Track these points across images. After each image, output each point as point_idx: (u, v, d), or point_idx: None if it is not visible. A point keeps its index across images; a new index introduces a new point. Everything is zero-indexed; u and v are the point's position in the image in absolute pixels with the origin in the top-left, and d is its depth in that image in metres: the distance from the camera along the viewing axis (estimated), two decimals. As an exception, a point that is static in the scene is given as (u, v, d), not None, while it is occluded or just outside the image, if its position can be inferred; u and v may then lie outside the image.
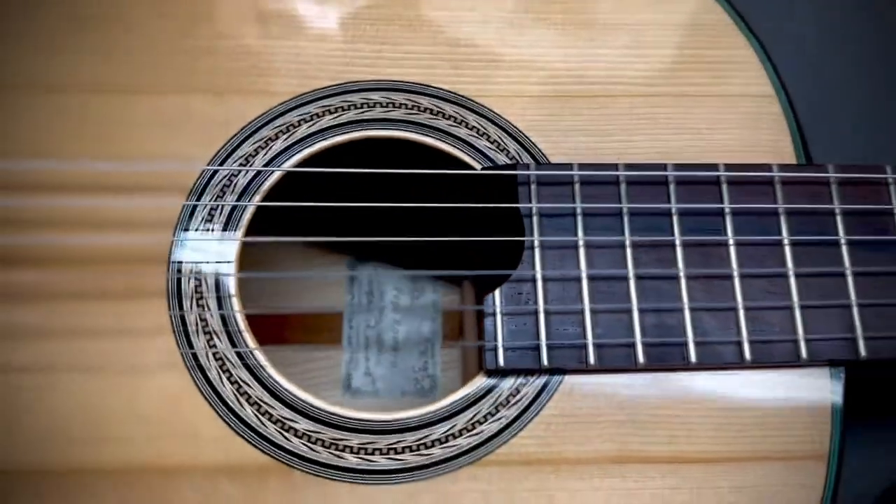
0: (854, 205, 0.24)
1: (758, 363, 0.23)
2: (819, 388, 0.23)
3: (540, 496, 0.22)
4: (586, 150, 0.25)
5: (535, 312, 0.23)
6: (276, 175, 0.24)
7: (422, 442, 0.22)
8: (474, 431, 0.23)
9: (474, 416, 0.23)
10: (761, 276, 0.23)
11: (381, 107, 0.25)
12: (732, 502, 0.22)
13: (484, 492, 0.22)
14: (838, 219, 0.24)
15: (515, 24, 0.26)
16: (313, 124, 0.25)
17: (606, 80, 0.26)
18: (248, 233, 0.24)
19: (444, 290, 0.33)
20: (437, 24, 0.26)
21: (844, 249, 0.24)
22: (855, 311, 0.23)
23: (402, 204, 0.24)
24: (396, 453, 0.22)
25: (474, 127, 0.25)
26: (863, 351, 0.23)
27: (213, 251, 0.23)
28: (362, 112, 0.25)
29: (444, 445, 0.22)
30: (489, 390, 0.23)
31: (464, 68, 0.26)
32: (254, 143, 0.25)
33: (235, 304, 0.23)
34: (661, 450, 0.23)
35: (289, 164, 0.24)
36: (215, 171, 0.24)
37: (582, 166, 0.24)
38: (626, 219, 0.24)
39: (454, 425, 0.23)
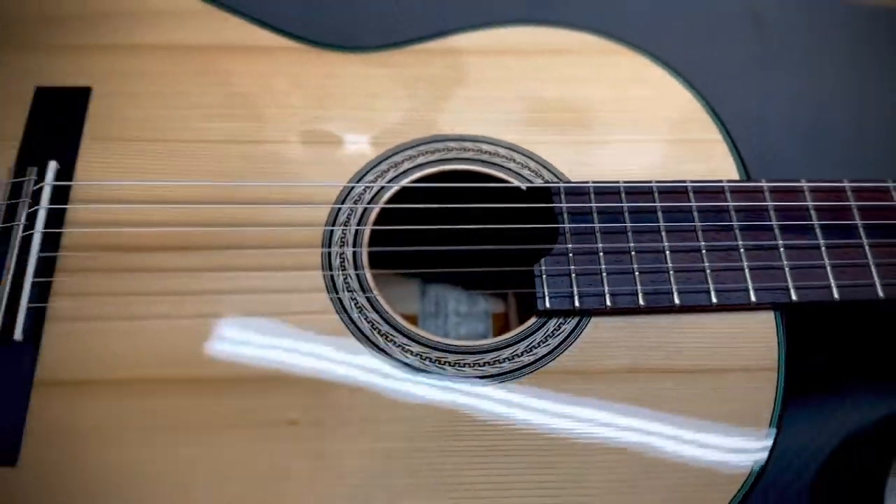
0: (779, 202, 0.36)
1: (721, 306, 0.34)
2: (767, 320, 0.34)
3: (577, 394, 0.32)
4: (595, 175, 0.37)
5: (569, 273, 0.34)
6: (389, 193, 0.36)
7: (496, 359, 0.33)
8: (531, 353, 0.33)
9: (530, 343, 0.33)
10: (719, 248, 0.35)
11: (456, 150, 0.38)
12: (710, 397, 0.32)
13: (539, 391, 0.32)
14: (772, 213, 0.36)
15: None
16: (412, 162, 0.37)
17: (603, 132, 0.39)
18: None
19: (493, 300, 0.44)
20: (487, 100, 0.39)
21: (776, 230, 0.35)
22: (787, 270, 0.35)
23: (484, 226, 0.35)
24: (479, 366, 0.33)
25: (520, 162, 0.38)
26: (794, 296, 0.34)
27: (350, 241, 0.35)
28: (444, 154, 0.38)
29: (512, 361, 0.33)
30: (540, 326, 0.34)
31: (511, 125, 0.39)
32: (373, 175, 0.37)
33: (367, 271, 0.34)
34: (659, 364, 0.33)
35: (396, 188, 0.36)
36: (352, 188, 0.36)
37: (594, 184, 0.36)
38: (626, 214, 0.36)
39: (518, 349, 0.33)
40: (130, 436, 0.30)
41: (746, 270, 0.35)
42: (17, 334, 0.31)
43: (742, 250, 0.35)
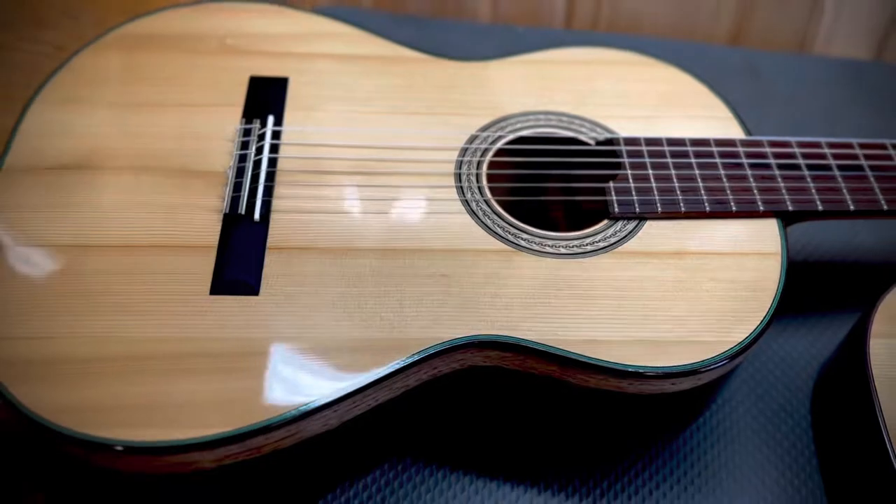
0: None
1: (739, 212, 0.48)
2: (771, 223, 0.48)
3: (636, 267, 0.46)
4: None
5: (630, 191, 0.49)
6: (502, 142, 0.51)
7: (583, 243, 0.47)
8: (606, 241, 0.47)
9: (605, 235, 0.47)
10: (735, 177, 0.50)
11: (545, 120, 0.53)
12: (734, 267, 0.46)
13: (617, 263, 0.46)
14: (769, 155, 0.51)
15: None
16: (513, 127, 0.53)
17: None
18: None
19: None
20: (569, 89, 0.55)
21: (775, 167, 0.50)
22: (784, 190, 0.49)
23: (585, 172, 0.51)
24: (572, 248, 0.47)
25: (589, 128, 0.53)
26: (789, 206, 0.48)
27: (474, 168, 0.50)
28: (537, 122, 0.53)
29: (594, 245, 0.47)
30: (611, 224, 0.48)
31: (585, 105, 0.54)
32: (487, 133, 0.52)
33: (486, 185, 0.49)
34: (696, 248, 0.47)
35: (504, 140, 0.52)
36: (475, 136, 0.51)
37: (644, 137, 0.51)
38: (668, 155, 0.51)
39: (597, 238, 0.47)
40: (336, 280, 0.44)
41: (755, 190, 0.49)
42: (256, 216, 0.46)
43: (751, 179, 0.50)
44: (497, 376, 0.44)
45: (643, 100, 0.55)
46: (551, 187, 0.53)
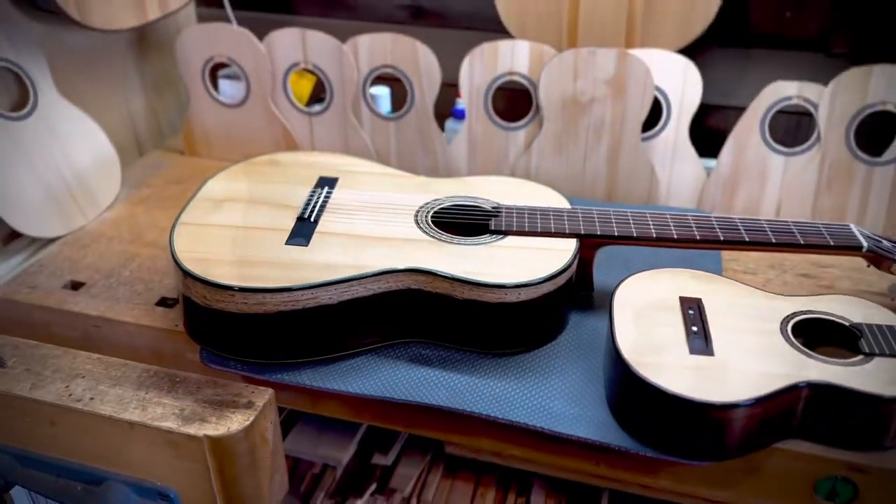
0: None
1: (556, 233, 0.93)
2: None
3: (494, 250, 0.91)
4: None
5: (502, 221, 0.95)
6: (437, 207, 1.00)
7: (474, 241, 0.92)
8: (486, 240, 0.92)
9: (486, 237, 0.93)
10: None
11: (462, 200, 1.02)
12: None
13: (488, 247, 0.91)
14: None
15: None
16: (444, 202, 1.01)
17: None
18: (432, 214, 0.99)
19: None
20: (487, 188, 1.04)
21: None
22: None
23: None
24: (465, 242, 0.92)
25: (489, 202, 1.01)
26: (582, 230, 0.93)
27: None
28: (459, 200, 1.02)
29: (476, 243, 0.92)
30: (490, 235, 0.94)
31: (490, 196, 1.03)
32: (433, 202, 1.01)
33: (428, 218, 0.96)
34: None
35: (439, 206, 1.00)
36: (427, 202, 1.00)
37: (516, 205, 0.99)
38: (526, 213, 0.97)
39: (480, 239, 0.93)
40: (345, 241, 0.91)
41: (567, 221, 0.95)
42: (312, 219, 0.95)
43: (563, 220, 0.95)
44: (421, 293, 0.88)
45: (517, 193, 1.03)
46: (464, 222, 0.99)
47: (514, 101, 1.32)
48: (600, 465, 0.84)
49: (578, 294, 0.98)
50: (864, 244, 0.90)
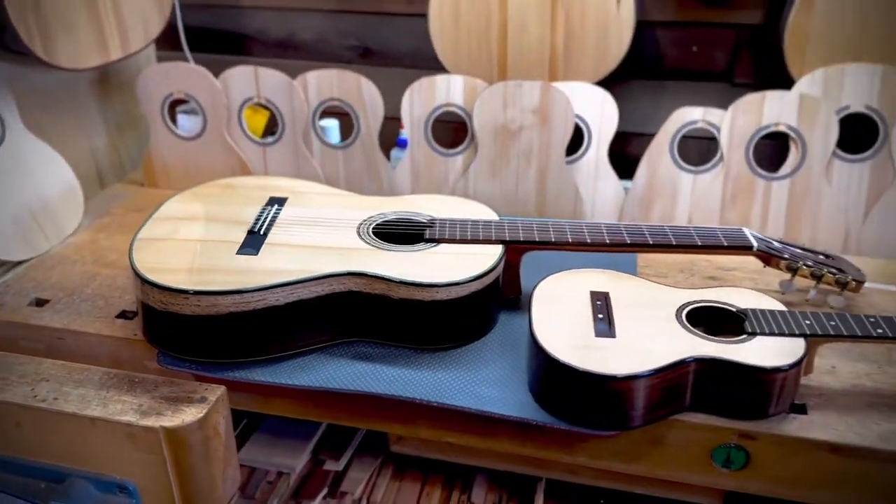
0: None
1: (484, 240, 1.03)
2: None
3: (426, 255, 1.01)
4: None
5: (435, 231, 1.05)
6: (378, 220, 1.10)
7: (409, 248, 1.02)
8: (421, 248, 1.02)
9: (421, 245, 1.03)
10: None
11: (404, 214, 1.12)
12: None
13: (421, 254, 1.00)
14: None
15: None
16: (386, 217, 1.11)
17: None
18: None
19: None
20: (424, 204, 1.15)
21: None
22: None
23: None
24: (401, 250, 1.02)
25: (427, 217, 1.12)
26: (508, 237, 1.03)
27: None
28: (402, 214, 1.12)
29: (412, 249, 1.02)
30: (425, 243, 1.04)
31: (425, 211, 1.14)
32: (376, 216, 1.11)
33: (370, 230, 1.06)
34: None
35: (380, 220, 1.10)
36: (369, 216, 1.10)
37: (448, 218, 1.09)
38: (458, 224, 1.08)
39: (415, 246, 1.03)
40: (293, 251, 1.00)
41: (493, 231, 1.05)
42: (262, 232, 1.04)
43: (482, 230, 1.06)
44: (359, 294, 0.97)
45: (451, 209, 1.14)
46: (402, 233, 1.09)
47: (451, 130, 1.44)
48: (526, 444, 0.93)
49: (508, 296, 1.08)
50: (755, 244, 1.02)
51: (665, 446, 0.89)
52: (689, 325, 0.89)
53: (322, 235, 1.04)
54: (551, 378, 0.86)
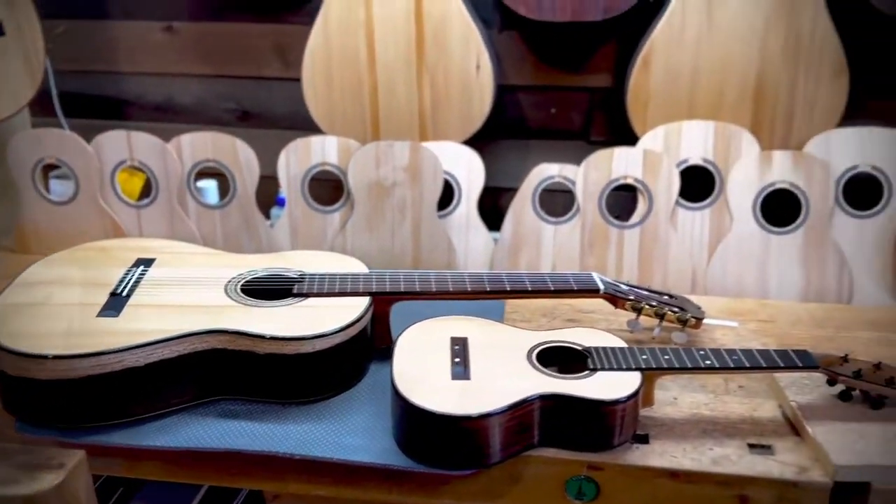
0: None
1: (347, 293, 1.07)
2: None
3: (294, 309, 1.03)
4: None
5: (304, 286, 1.08)
6: (245, 279, 1.12)
7: (277, 304, 1.05)
8: (288, 302, 1.05)
9: (288, 301, 1.05)
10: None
11: (278, 269, 1.15)
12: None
13: (289, 309, 1.03)
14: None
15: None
16: (255, 273, 1.14)
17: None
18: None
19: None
20: (296, 260, 1.18)
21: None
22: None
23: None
24: (269, 305, 1.04)
25: (297, 272, 1.14)
26: (375, 289, 1.08)
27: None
28: (273, 270, 1.15)
29: (280, 304, 1.05)
30: (294, 298, 1.06)
31: (299, 267, 1.17)
32: (244, 274, 1.13)
33: (238, 287, 1.08)
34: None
35: (250, 277, 1.12)
36: (238, 275, 1.12)
37: (313, 273, 1.12)
38: (327, 279, 1.11)
39: (284, 301, 1.05)
40: (159, 312, 1.00)
41: (362, 284, 1.09)
42: (125, 294, 1.04)
43: (349, 284, 1.10)
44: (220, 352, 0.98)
45: (322, 263, 1.17)
46: (271, 289, 1.11)
47: (330, 188, 1.49)
48: (392, 490, 0.96)
49: (379, 347, 1.11)
50: (602, 287, 1.11)
51: (523, 482, 0.93)
52: (538, 365, 0.95)
53: (188, 294, 1.06)
54: (410, 422, 0.90)
